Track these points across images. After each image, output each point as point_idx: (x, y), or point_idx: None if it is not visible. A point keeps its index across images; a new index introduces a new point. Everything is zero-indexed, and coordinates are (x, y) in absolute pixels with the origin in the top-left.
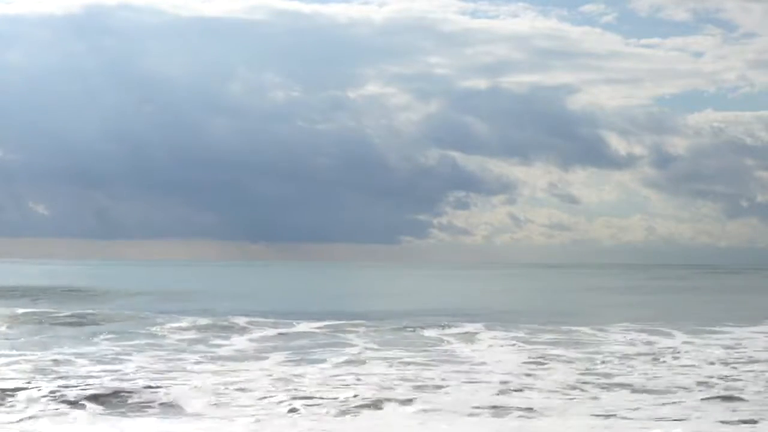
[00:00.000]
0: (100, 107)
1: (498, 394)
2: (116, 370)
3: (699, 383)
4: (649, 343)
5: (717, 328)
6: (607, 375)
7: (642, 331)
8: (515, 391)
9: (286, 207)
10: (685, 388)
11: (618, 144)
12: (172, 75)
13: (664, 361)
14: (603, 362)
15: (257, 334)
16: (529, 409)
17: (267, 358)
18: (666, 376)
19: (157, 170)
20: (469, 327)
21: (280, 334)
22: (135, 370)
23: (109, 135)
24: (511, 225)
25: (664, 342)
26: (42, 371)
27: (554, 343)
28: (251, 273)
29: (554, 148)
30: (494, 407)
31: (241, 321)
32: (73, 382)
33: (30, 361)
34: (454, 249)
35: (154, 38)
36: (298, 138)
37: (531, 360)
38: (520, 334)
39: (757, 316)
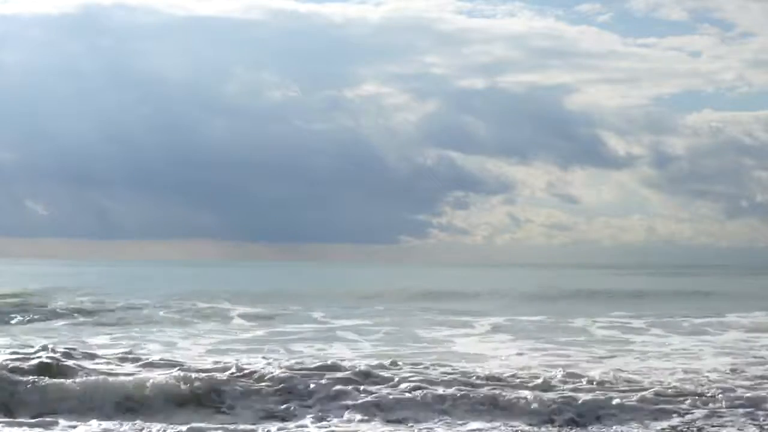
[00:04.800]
0: (97, 107)
1: None
2: None
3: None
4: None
5: None
6: None
7: None
8: None
9: (285, 207)
10: None
11: (617, 144)
12: (168, 75)
13: None
14: None
15: None
16: None
17: None
18: None
19: (155, 170)
20: None
21: None
22: None
23: (107, 134)
24: (510, 225)
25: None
26: None
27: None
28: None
29: (553, 148)
30: None
31: None
32: None
33: None
34: (453, 249)
35: (150, 38)
36: (296, 138)
37: None
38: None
39: None
